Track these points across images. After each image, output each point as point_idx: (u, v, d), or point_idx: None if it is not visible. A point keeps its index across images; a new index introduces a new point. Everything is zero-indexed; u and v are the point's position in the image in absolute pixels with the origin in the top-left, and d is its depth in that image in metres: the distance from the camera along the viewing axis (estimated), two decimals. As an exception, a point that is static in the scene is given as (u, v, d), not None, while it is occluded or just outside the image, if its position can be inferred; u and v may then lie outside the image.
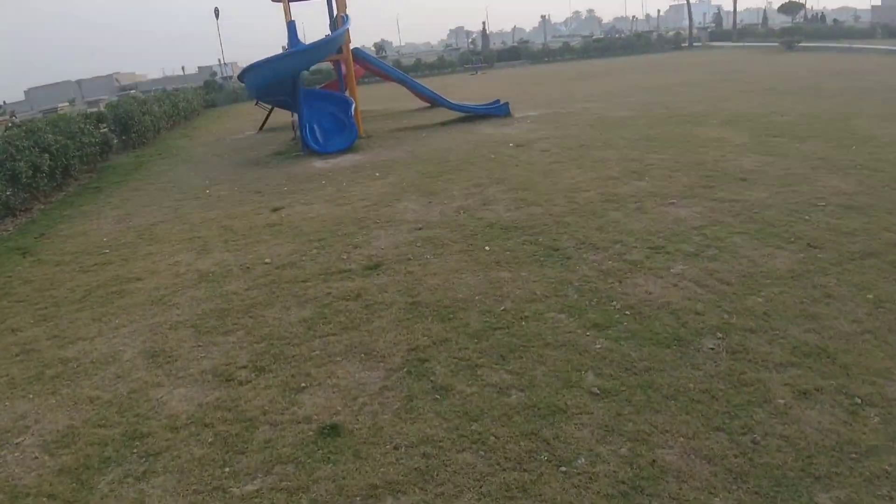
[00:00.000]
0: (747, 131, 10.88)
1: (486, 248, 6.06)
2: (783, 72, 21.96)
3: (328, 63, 23.31)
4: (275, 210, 8.56)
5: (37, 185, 11.46)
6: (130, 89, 56.83)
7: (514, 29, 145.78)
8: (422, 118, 17.16)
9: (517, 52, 46.29)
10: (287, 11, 13.05)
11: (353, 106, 13.13)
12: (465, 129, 14.17)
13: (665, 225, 6.30)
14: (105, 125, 19.09)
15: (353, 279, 5.63)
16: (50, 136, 12.70)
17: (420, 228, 6.92)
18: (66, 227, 9.42)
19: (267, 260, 6.43)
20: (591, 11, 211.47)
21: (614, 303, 4.69)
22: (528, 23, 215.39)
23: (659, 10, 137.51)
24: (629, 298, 4.73)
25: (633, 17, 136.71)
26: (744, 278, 5.02)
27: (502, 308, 4.72)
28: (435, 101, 16.62)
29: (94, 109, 28.73)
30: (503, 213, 7.17)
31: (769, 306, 4.52)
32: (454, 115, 16.10)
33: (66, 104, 43.38)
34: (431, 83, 25.39)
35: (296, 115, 13.43)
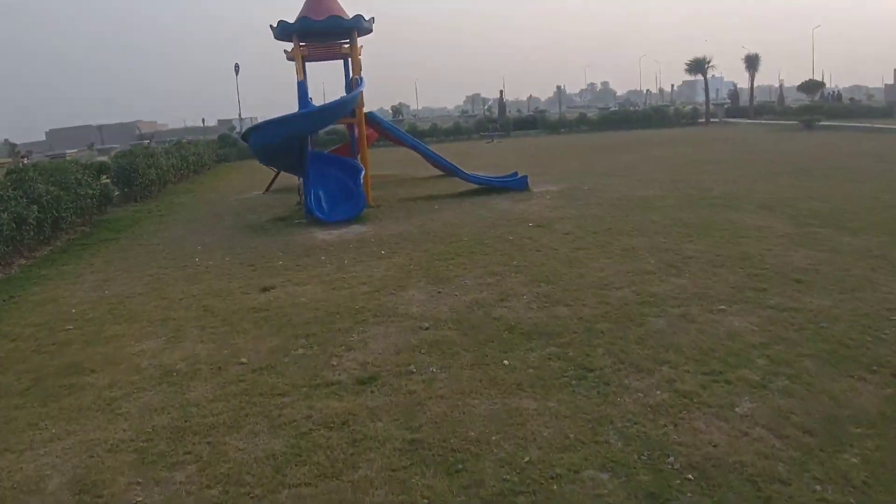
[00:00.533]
0: (788, 219, 9.95)
1: (505, 361, 5.04)
2: (809, 152, 21.24)
3: (342, 125, 22.93)
4: (264, 290, 7.60)
5: (21, 238, 10.64)
6: (147, 139, 57.20)
7: (530, 98, 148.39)
8: (435, 187, 16.41)
9: (534, 122, 46.20)
10: (299, 70, 12.46)
11: (363, 173, 12.36)
12: (481, 203, 13.34)
13: (718, 340, 5.28)
14: (107, 176, 18.50)
15: (340, 396, 4.60)
16: (41, 186, 11.97)
17: (426, 328, 5.92)
18: (38, 291, 8.54)
19: (243, 359, 5.42)
20: (605, 84, 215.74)
21: (671, 458, 3.63)
22: (544, 93, 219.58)
23: (673, 85, 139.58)
24: (689, 452, 3.67)
25: (647, 90, 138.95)
26: (828, 424, 3.97)
27: (526, 459, 3.67)
28: (449, 171, 15.90)
29: (104, 158, 28.39)
30: (524, 313, 6.17)
31: (868, 471, 3.47)
32: (469, 185, 15.32)
33: (75, 151, 43.35)
34: (447, 150, 24.91)
35: (302, 180, 12.69)
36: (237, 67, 47.56)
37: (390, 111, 72.28)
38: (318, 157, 13.39)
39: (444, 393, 4.53)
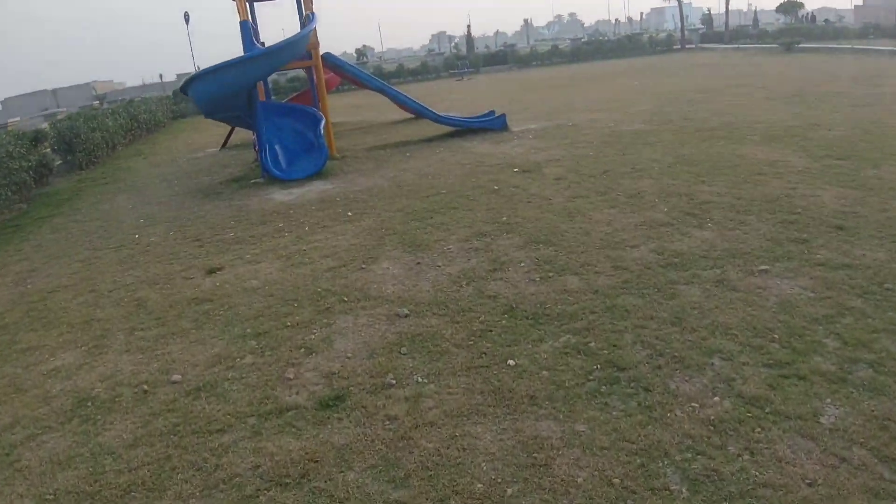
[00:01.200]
0: (801, 151, 8.88)
1: (510, 361, 3.94)
2: (797, 75, 20.11)
3: (301, 70, 21.15)
4: (210, 272, 6.39)
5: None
6: (100, 99, 54.10)
7: (497, 33, 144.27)
8: (405, 132, 15.04)
9: (504, 57, 44.25)
10: (242, 10, 10.87)
11: (323, 122, 10.97)
12: (457, 147, 12.06)
13: (772, 315, 4.22)
14: (47, 144, 16.81)
15: (298, 430, 3.48)
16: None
17: (405, 315, 4.78)
18: (-52, 290, 7.22)
19: (176, 377, 4.26)
20: (572, 15, 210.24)
21: (761, 512, 2.59)
22: (510, 27, 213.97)
23: (642, 13, 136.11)
24: (783, 499, 2.64)
25: (616, 20, 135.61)
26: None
27: (562, 531, 2.60)
28: (420, 114, 14.51)
29: (45, 125, 26.31)
30: (524, 288, 5.05)
31: None
32: (442, 128, 13.99)
33: (17, 119, 40.65)
34: (415, 90, 23.37)
35: (256, 135, 11.29)
36: (187, 16, 44.45)
37: (354, 55, 69.34)
38: (272, 108, 11.93)
39: (434, 418, 3.43)
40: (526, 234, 6.37)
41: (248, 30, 10.21)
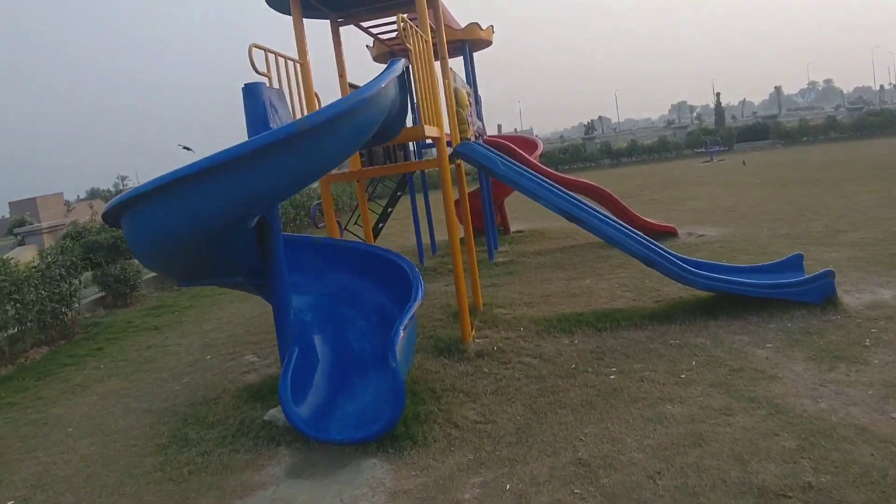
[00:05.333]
0: None
1: None
2: None
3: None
4: None
5: None
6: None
7: (744, 102, 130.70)
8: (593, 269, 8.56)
9: (764, 130, 35.47)
10: (300, 46, 5.41)
11: (417, 305, 4.89)
12: (724, 360, 5.33)
13: None
14: None
15: None
16: None
17: None
18: None
19: None
20: (828, 81, 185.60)
21: None
22: (758, 95, 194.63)
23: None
24: None
25: (881, 86, 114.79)
26: None
27: None
28: (613, 240, 7.03)
29: None
30: None
31: None
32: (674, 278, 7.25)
33: None
34: (645, 176, 16.78)
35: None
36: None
37: (582, 127, 63.82)
38: (313, 253, 6.18)
39: None
40: None
41: (259, 95, 4.56)
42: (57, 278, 9.27)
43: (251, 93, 4.65)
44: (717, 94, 45.37)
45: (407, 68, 5.64)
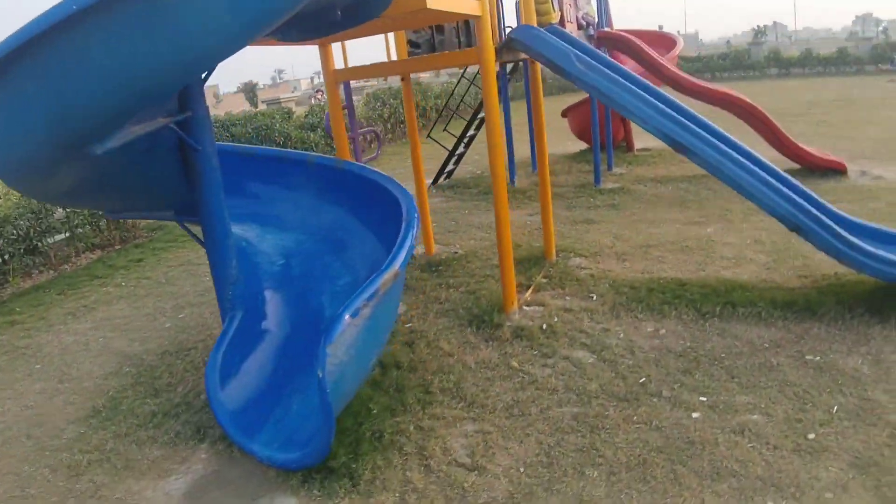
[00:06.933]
0: None
1: None
2: None
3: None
4: None
5: None
6: None
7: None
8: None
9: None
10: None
11: (390, 271, 3.25)
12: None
13: None
14: None
15: None
16: None
17: None
18: None
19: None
20: None
21: None
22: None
23: None
24: None
25: None
26: None
27: None
28: (739, 183, 4.84)
29: None
30: None
31: None
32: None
33: None
34: (817, 89, 13.56)
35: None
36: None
37: (751, 31, 56.00)
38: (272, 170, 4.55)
39: None
40: None
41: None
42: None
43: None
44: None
45: None
